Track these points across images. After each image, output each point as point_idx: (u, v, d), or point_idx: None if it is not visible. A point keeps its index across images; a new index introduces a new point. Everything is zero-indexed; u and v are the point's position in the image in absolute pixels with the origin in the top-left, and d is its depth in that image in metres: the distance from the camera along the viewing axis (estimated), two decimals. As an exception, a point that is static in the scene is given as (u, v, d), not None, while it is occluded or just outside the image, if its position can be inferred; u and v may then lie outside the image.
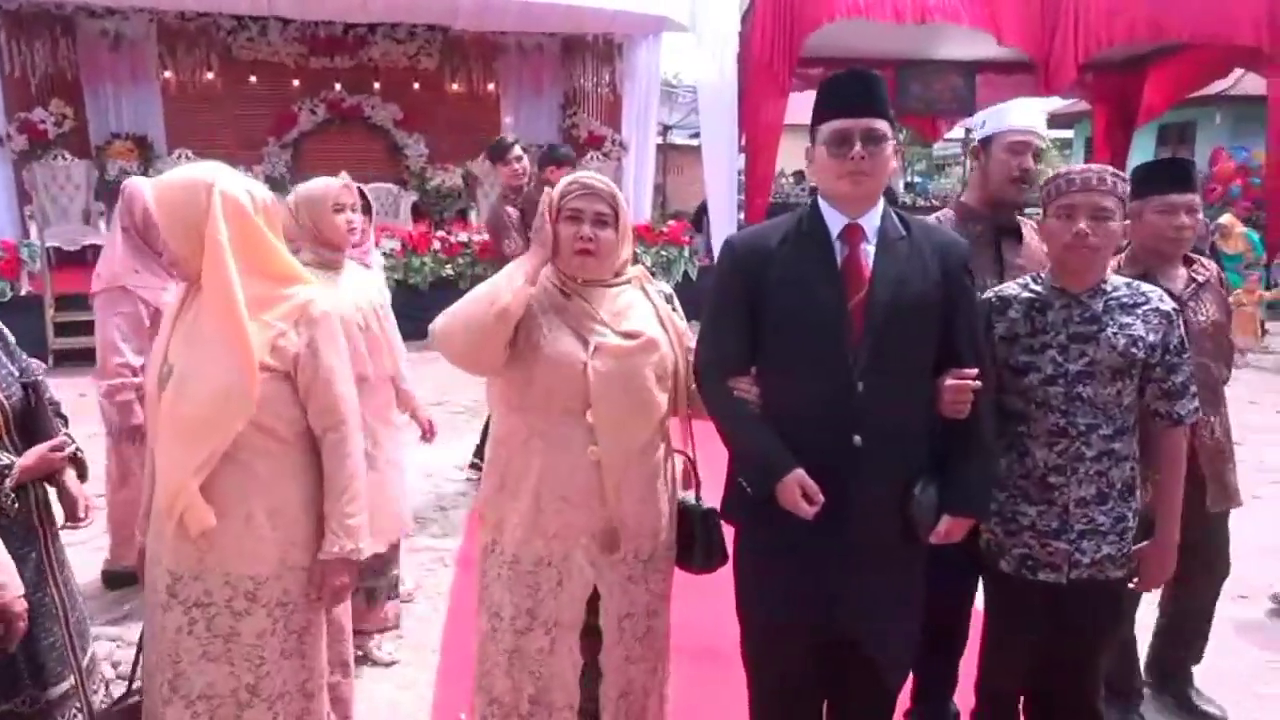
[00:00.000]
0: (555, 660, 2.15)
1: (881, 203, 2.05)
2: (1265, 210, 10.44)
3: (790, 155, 11.50)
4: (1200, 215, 2.61)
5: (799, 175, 15.27)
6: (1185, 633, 2.89)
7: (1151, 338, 2.11)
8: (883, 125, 1.98)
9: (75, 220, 9.27)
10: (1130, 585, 2.24)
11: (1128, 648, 2.74)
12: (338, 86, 10.51)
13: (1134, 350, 2.09)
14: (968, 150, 19.88)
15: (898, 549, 2.08)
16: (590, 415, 2.04)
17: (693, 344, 2.19)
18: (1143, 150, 15.49)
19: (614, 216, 2.07)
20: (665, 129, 17.84)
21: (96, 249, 9.34)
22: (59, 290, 7.97)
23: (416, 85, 10.81)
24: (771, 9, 9.29)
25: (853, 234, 2.01)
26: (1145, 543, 2.19)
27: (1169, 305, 2.16)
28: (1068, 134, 18.09)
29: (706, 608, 2.66)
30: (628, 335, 2.07)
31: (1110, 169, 2.11)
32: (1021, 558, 2.18)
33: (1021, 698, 2.38)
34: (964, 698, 2.58)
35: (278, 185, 10.20)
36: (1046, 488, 2.14)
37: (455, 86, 10.96)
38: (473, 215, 10.49)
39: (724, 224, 9.91)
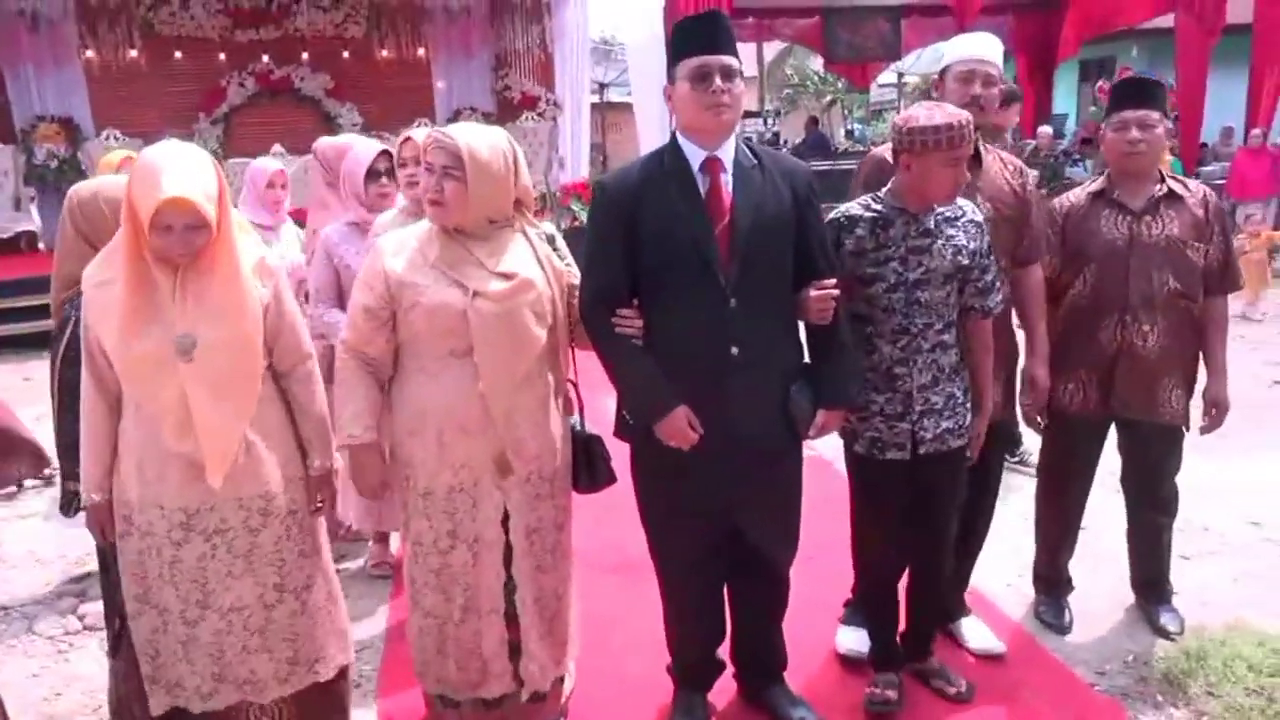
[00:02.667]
0: (479, 572, 2.36)
1: (734, 136, 2.25)
2: (1179, 137, 10.80)
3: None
4: (1158, 130, 2.73)
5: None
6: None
7: (971, 245, 2.40)
8: (736, 62, 2.18)
9: (5, 207, 9.20)
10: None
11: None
12: (265, 58, 10.47)
13: (959, 258, 2.38)
14: (900, 91, 19.99)
15: (780, 445, 2.33)
16: (475, 354, 2.22)
17: (574, 282, 2.37)
18: (1066, 85, 15.85)
19: (460, 168, 2.20)
20: (602, 87, 17.87)
21: (30, 235, 9.32)
22: (-7, 277, 7.96)
23: (345, 54, 10.79)
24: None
25: (713, 166, 2.22)
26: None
27: (980, 216, 2.46)
28: (999, 74, 18.37)
29: (621, 527, 2.87)
30: (504, 276, 2.25)
31: (968, 117, 2.30)
32: (872, 440, 2.47)
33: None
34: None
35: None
36: (891, 378, 2.42)
37: (385, 53, 10.96)
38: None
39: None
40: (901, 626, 2.71)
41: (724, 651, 2.65)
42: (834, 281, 2.27)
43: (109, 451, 2.22)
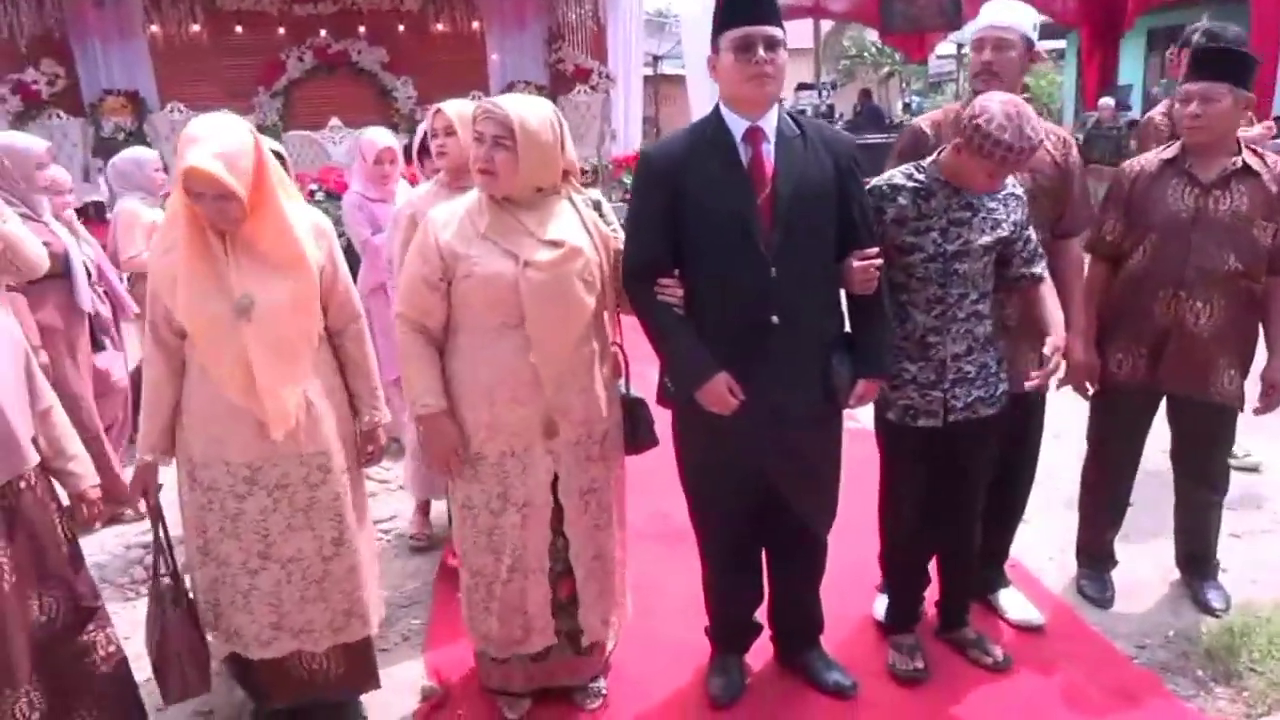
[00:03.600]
0: (528, 534, 2.43)
1: (777, 106, 2.26)
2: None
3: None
4: (1222, 104, 2.61)
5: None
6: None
7: (1012, 217, 2.40)
8: (780, 33, 2.19)
9: (75, 178, 9.43)
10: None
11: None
12: (323, 33, 10.57)
13: (999, 231, 2.38)
14: (959, 63, 19.52)
15: (819, 413, 2.36)
16: (526, 325, 2.27)
17: (621, 247, 2.41)
18: (1132, 56, 15.39)
19: (511, 138, 2.24)
20: (655, 60, 17.81)
21: (98, 205, 9.59)
22: (64, 247, 8.21)
23: (401, 28, 10.86)
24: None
25: (754, 136, 2.24)
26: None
27: (1020, 189, 2.46)
28: (1060, 44, 17.91)
29: (663, 493, 2.93)
30: (553, 244, 2.29)
31: (1031, 144, 2.25)
32: (904, 408, 2.48)
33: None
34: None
35: (270, 134, 10.34)
36: (925, 346, 2.43)
37: (440, 27, 11.01)
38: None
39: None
40: (934, 595, 2.74)
41: (762, 615, 2.71)
42: (877, 251, 2.29)
43: (169, 414, 2.33)
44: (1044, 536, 3.41)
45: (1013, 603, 2.96)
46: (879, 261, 2.27)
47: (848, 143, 2.36)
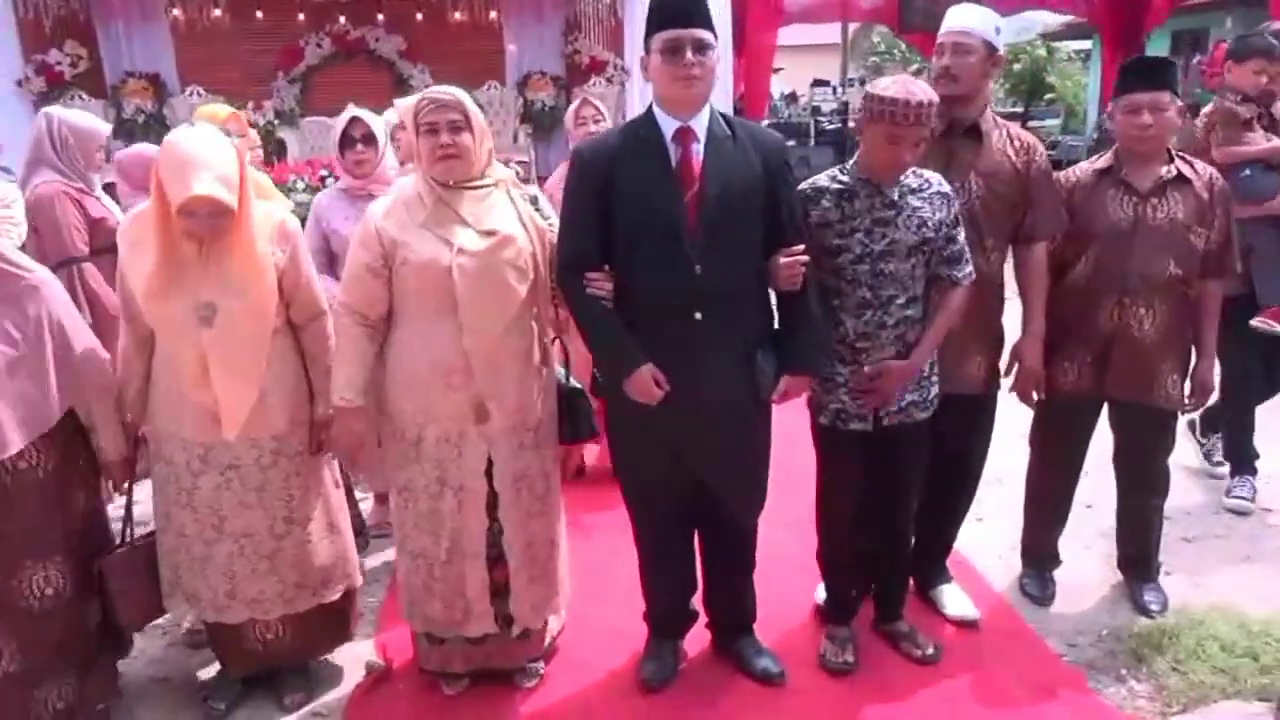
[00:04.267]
0: (464, 518, 2.52)
1: (709, 107, 2.33)
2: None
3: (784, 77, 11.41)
4: (1169, 113, 2.69)
5: (790, 97, 15.31)
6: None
7: (937, 216, 2.43)
8: (709, 36, 2.26)
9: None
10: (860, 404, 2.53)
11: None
12: (342, 20, 10.69)
13: (925, 230, 2.41)
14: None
15: (745, 408, 2.42)
16: (459, 311, 2.35)
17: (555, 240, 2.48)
18: (1158, 58, 15.19)
19: (466, 121, 2.35)
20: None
21: (110, 186, 9.81)
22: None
23: (419, 16, 10.94)
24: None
25: (685, 136, 2.30)
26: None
27: (946, 187, 2.48)
28: (1086, 45, 17.72)
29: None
30: (487, 233, 2.38)
31: (928, 101, 2.30)
32: (836, 411, 2.53)
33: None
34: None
35: (287, 119, 10.54)
36: (855, 351, 2.48)
37: (458, 16, 11.07)
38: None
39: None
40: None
41: (699, 602, 2.79)
42: (802, 248, 2.35)
43: (140, 384, 2.45)
44: (996, 535, 3.46)
45: (952, 599, 3.01)
46: (804, 259, 2.33)
47: (778, 143, 2.42)
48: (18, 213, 3.34)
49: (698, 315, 2.30)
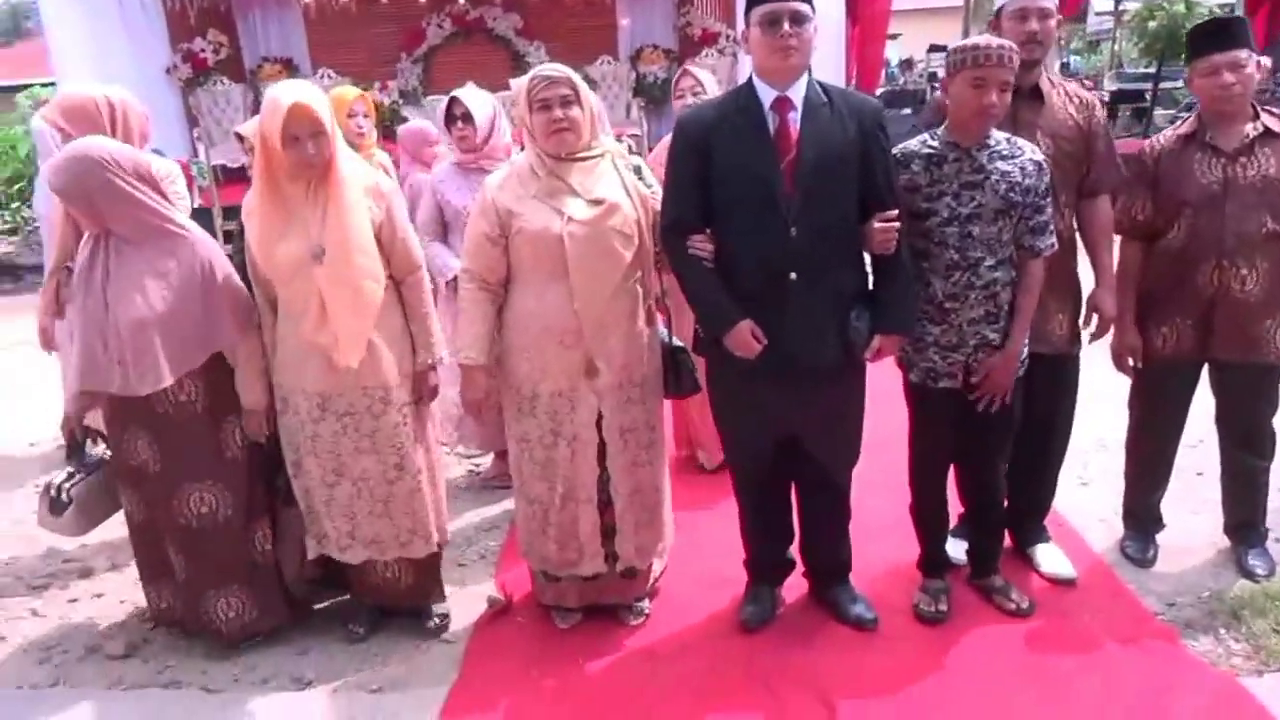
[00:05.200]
0: (576, 466, 2.72)
1: (806, 75, 2.44)
2: None
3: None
4: (1248, 69, 2.70)
5: (906, 64, 14.94)
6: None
7: (1026, 182, 2.49)
8: (805, 8, 2.37)
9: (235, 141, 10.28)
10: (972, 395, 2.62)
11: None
12: (461, 0, 11.04)
13: (1012, 195, 2.47)
14: (1117, 20, 18.40)
15: (838, 367, 2.53)
16: (570, 275, 2.54)
17: (658, 207, 2.64)
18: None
19: (576, 96, 2.52)
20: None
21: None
22: (225, 202, 8.99)
23: (535, -7, 11.22)
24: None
25: (782, 105, 2.42)
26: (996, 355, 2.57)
27: (1040, 155, 2.53)
28: (1230, -1, 16.73)
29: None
30: (595, 202, 2.55)
31: (1011, 45, 2.39)
32: (926, 370, 2.62)
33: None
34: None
35: (411, 98, 10.96)
36: (945, 311, 2.56)
37: (572, -9, 11.31)
38: (592, 117, 10.90)
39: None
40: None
41: (797, 551, 2.93)
42: (896, 214, 2.44)
43: (271, 343, 2.72)
44: (1100, 499, 3.47)
45: (1047, 557, 3.06)
46: (897, 225, 2.42)
47: (873, 108, 2.51)
48: (181, 187, 3.69)
49: (793, 276, 2.42)
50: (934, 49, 15.08)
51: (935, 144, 2.53)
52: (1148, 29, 17.63)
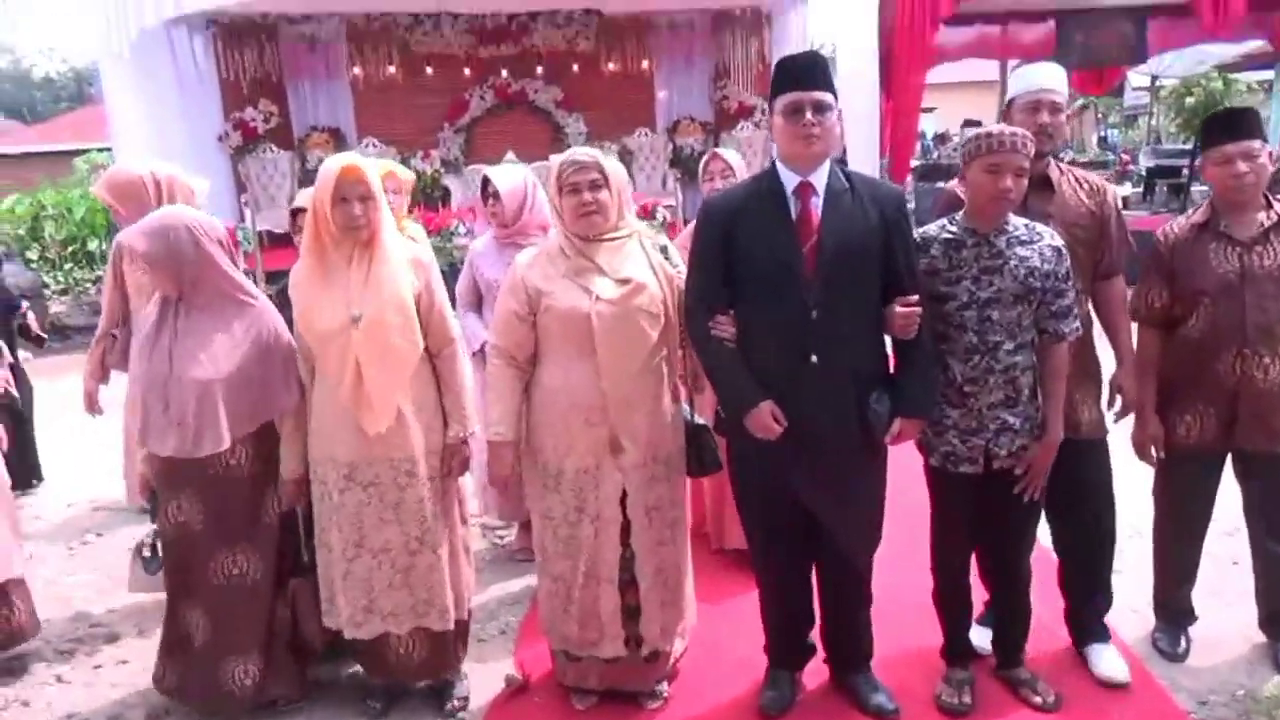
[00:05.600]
0: (599, 544, 2.73)
1: (829, 163, 2.48)
2: None
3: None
4: (1261, 159, 2.73)
5: (940, 138, 15.04)
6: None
7: (1045, 267, 2.50)
8: (828, 97, 2.43)
9: (282, 206, 10.52)
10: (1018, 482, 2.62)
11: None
12: (504, 73, 11.34)
13: (1031, 280, 2.49)
14: (1154, 96, 18.45)
15: (858, 449, 2.54)
16: (597, 353, 2.58)
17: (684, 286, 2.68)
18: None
19: (604, 179, 2.59)
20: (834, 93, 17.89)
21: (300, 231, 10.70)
22: (268, 267, 9.19)
23: (575, 67, 11.49)
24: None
25: (805, 190, 2.47)
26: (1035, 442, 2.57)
27: (1059, 241, 2.55)
28: (1268, 75, 16.72)
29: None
30: (622, 281, 2.60)
31: (1025, 132, 2.44)
32: (946, 454, 2.61)
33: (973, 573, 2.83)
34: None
35: (452, 167, 11.23)
36: (964, 395, 2.56)
37: (611, 66, 11.59)
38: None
39: (866, 187, 10.06)
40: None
41: (818, 637, 2.89)
42: (917, 298, 2.46)
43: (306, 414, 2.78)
44: (1132, 588, 3.38)
45: (1100, 658, 2.93)
46: (918, 309, 2.44)
47: (895, 196, 2.55)
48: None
49: (813, 358, 2.44)
50: (968, 124, 15.14)
51: (954, 229, 2.56)
52: (1184, 104, 17.69)
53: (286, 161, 10.62)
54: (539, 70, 11.43)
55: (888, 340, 2.57)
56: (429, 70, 11.22)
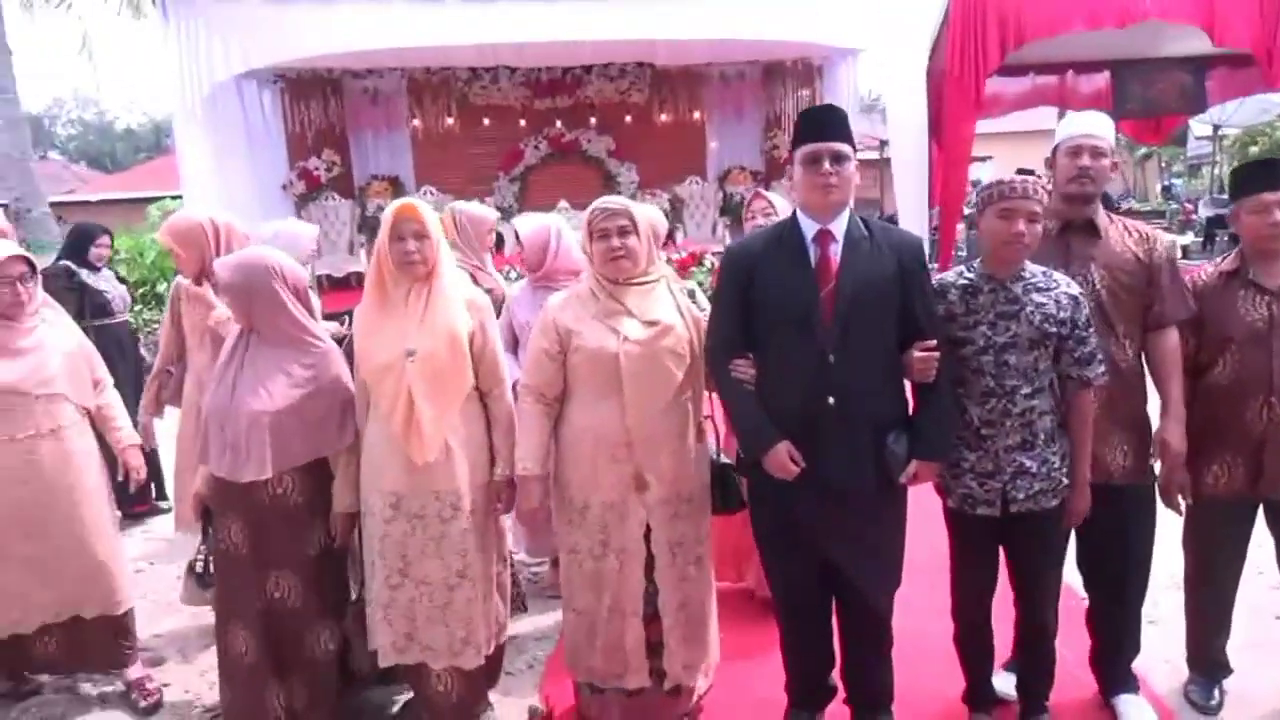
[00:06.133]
0: (624, 578, 2.80)
1: (848, 211, 2.55)
2: None
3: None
4: None
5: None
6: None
7: (1062, 314, 2.52)
8: (846, 148, 2.50)
9: (342, 251, 10.90)
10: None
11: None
12: (558, 124, 11.65)
13: (1047, 325, 2.51)
14: (1217, 145, 18.20)
15: (875, 491, 2.56)
16: (623, 392, 2.67)
17: None
18: None
19: (633, 225, 2.69)
20: (882, 144, 17.94)
21: (359, 274, 11.01)
22: (327, 309, 9.42)
23: (628, 118, 11.76)
24: (961, 30, 9.43)
25: (824, 238, 2.54)
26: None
27: (1076, 290, 2.58)
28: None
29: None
30: (650, 323, 2.70)
31: (1036, 180, 2.48)
32: (963, 496, 2.63)
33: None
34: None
35: (507, 214, 11.49)
36: (981, 438, 2.58)
37: (664, 117, 11.84)
38: (678, 235, 11.26)
39: (915, 234, 10.06)
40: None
41: (839, 677, 2.89)
42: (934, 343, 2.50)
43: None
44: (1167, 639, 3.34)
45: (1132, 711, 2.91)
46: (936, 355, 2.48)
47: (913, 244, 2.60)
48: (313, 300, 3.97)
49: (830, 400, 2.49)
50: (1021, 173, 15.06)
51: (971, 275, 2.61)
52: (1248, 154, 17.42)
53: (347, 209, 11.00)
54: (592, 121, 11.72)
55: (907, 384, 2.61)
56: (486, 121, 11.58)
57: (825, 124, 2.52)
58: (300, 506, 2.87)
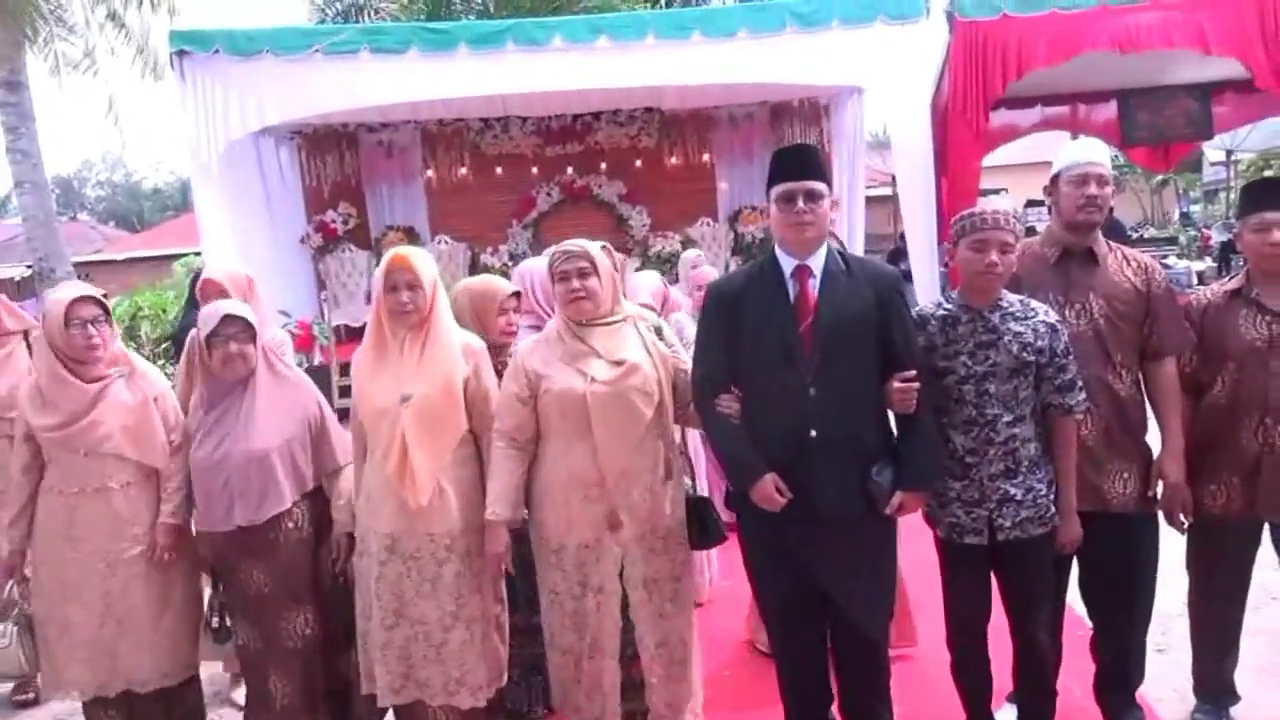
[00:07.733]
0: (602, 617, 2.83)
1: (826, 245, 2.61)
2: None
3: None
4: None
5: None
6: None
7: (1040, 343, 2.56)
8: (820, 186, 2.56)
9: (359, 302, 11.02)
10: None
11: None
12: (569, 170, 11.79)
13: (1025, 354, 2.54)
14: (1231, 173, 18.11)
15: (863, 521, 2.59)
16: (593, 432, 2.71)
17: (680, 366, 2.83)
18: None
19: (593, 267, 2.74)
20: (894, 179, 18.04)
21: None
22: (344, 359, 9.60)
23: (638, 163, 11.85)
24: (963, 63, 9.51)
25: (802, 273, 2.59)
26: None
27: (1053, 318, 2.62)
28: (1351, 147, 16.35)
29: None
30: (616, 363, 2.74)
31: (1008, 211, 2.52)
32: (951, 525, 2.65)
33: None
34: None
35: (520, 260, 11.62)
36: (965, 466, 2.61)
37: (673, 160, 11.92)
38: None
39: (925, 268, 10.06)
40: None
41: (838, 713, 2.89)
42: (914, 373, 2.53)
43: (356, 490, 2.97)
44: (1175, 667, 3.31)
45: None
46: (916, 385, 2.51)
47: (890, 276, 2.66)
48: (288, 353, 4.07)
49: (813, 433, 2.52)
50: (1031, 204, 15.13)
51: (950, 306, 2.66)
52: (1264, 179, 17.29)
53: (364, 260, 11.14)
54: (603, 166, 11.83)
55: (891, 416, 2.64)
56: (498, 170, 11.71)
57: (798, 163, 2.59)
58: (310, 536, 2.99)
